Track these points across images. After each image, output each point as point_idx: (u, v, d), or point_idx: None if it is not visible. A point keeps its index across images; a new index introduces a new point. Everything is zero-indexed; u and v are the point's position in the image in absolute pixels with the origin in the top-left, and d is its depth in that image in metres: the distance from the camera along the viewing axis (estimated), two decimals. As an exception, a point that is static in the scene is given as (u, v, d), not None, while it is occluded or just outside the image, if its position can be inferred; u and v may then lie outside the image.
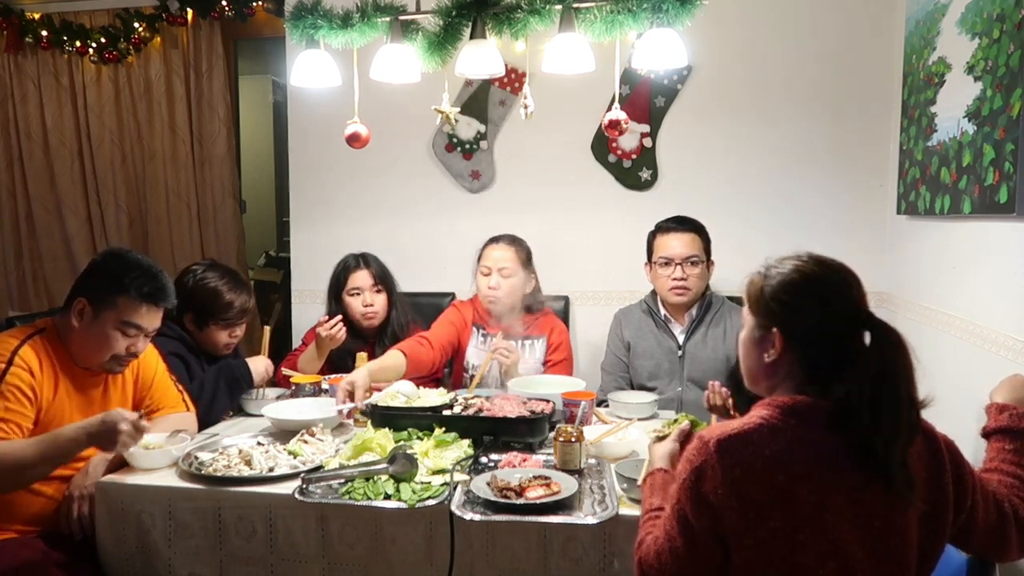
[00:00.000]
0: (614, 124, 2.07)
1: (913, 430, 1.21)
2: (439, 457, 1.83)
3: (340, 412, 2.12)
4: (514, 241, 2.74)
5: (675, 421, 1.74)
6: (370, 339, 2.76)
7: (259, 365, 2.43)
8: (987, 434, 1.49)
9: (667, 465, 1.49)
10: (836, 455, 1.20)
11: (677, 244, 2.60)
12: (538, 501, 1.59)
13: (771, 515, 1.18)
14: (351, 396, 2.15)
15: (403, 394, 2.16)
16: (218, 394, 2.31)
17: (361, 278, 2.73)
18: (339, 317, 2.60)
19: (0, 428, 1.76)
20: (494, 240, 2.75)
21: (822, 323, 1.25)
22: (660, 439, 1.63)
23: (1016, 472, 1.39)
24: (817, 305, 1.26)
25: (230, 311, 2.43)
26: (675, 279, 2.59)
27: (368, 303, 2.71)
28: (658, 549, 1.28)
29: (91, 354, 1.93)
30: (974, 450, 2.09)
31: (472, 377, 2.62)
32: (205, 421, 2.26)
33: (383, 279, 2.76)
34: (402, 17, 2.08)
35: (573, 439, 1.80)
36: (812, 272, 1.28)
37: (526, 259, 2.74)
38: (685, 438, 1.55)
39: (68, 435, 1.75)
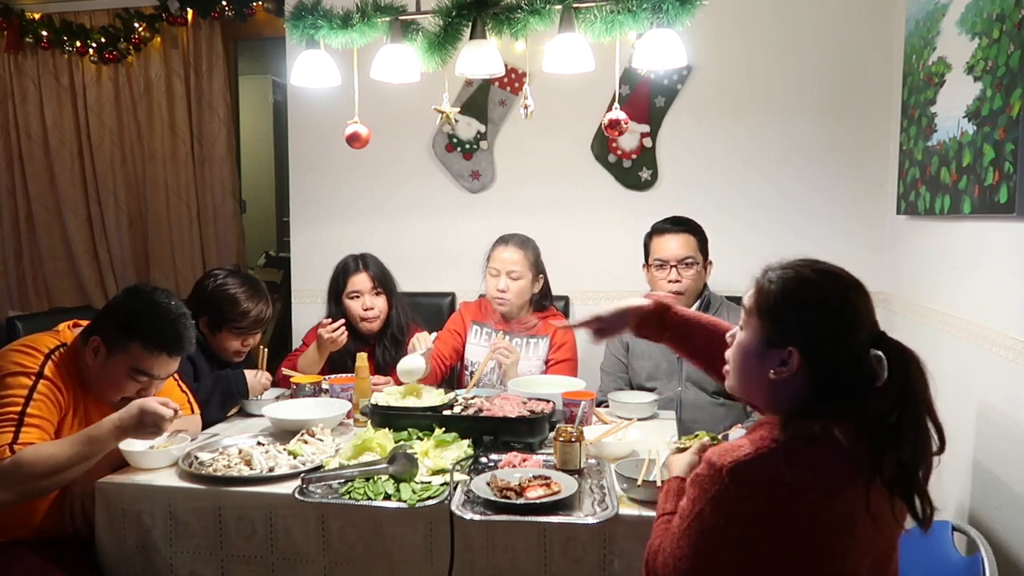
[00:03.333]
0: (614, 124, 2.07)
1: (936, 453, 1.17)
2: (439, 457, 1.83)
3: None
4: (523, 243, 2.73)
5: (695, 436, 1.74)
6: (370, 340, 2.76)
7: (257, 379, 2.39)
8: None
9: (686, 475, 1.43)
10: (849, 483, 1.14)
11: (672, 245, 2.60)
12: (538, 501, 1.59)
13: (798, 541, 1.13)
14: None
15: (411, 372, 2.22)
16: (211, 404, 2.29)
17: (360, 281, 2.72)
18: (342, 321, 2.60)
19: (35, 428, 1.76)
20: (503, 241, 2.75)
21: (847, 348, 1.18)
22: (680, 451, 1.62)
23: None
24: (845, 331, 1.20)
25: (244, 319, 2.41)
26: (671, 281, 2.59)
27: (368, 306, 2.70)
28: (662, 563, 1.25)
29: (102, 393, 1.92)
30: (974, 450, 2.10)
31: (472, 374, 2.62)
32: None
33: (382, 282, 2.74)
34: (402, 17, 2.08)
35: (573, 439, 1.80)
36: (839, 295, 1.22)
37: (535, 260, 2.74)
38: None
39: (103, 431, 1.74)
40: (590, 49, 1.96)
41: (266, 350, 2.50)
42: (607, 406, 2.38)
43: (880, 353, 1.16)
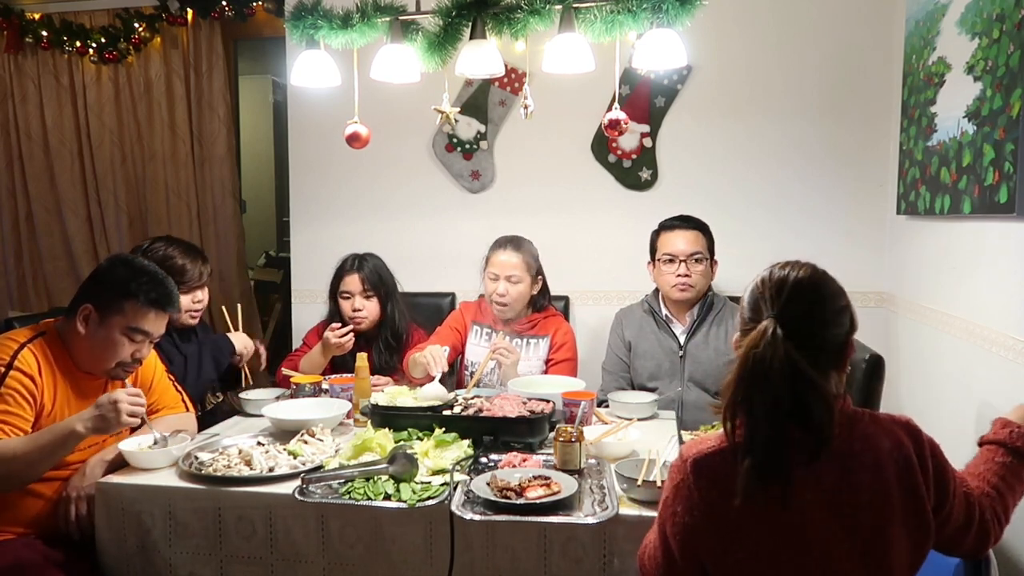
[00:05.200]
0: (614, 124, 2.06)
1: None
2: (439, 457, 1.83)
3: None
4: (521, 245, 2.73)
5: (712, 427, 1.74)
6: (370, 341, 2.76)
7: (239, 338, 2.47)
8: (982, 443, 1.51)
9: None
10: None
11: (681, 241, 2.60)
12: (538, 501, 1.59)
13: (749, 535, 1.18)
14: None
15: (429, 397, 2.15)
16: (203, 366, 2.34)
17: (351, 282, 2.72)
18: (351, 327, 2.62)
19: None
20: (501, 245, 2.74)
21: (748, 322, 1.28)
22: None
23: (996, 483, 1.40)
24: (751, 308, 1.28)
25: (185, 275, 2.42)
26: (679, 276, 2.59)
27: (357, 308, 2.71)
28: (648, 555, 1.32)
29: (97, 360, 1.92)
30: (971, 451, 2.09)
31: (472, 375, 2.63)
32: (194, 395, 2.31)
33: (375, 285, 2.73)
34: (402, 17, 2.08)
35: (573, 439, 1.80)
36: (763, 276, 1.30)
37: (534, 262, 2.74)
38: None
39: (62, 425, 1.76)
40: (590, 49, 1.96)
41: (225, 308, 2.66)
42: (607, 406, 2.38)
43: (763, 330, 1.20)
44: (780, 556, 1.18)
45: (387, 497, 1.67)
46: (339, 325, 2.62)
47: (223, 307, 2.67)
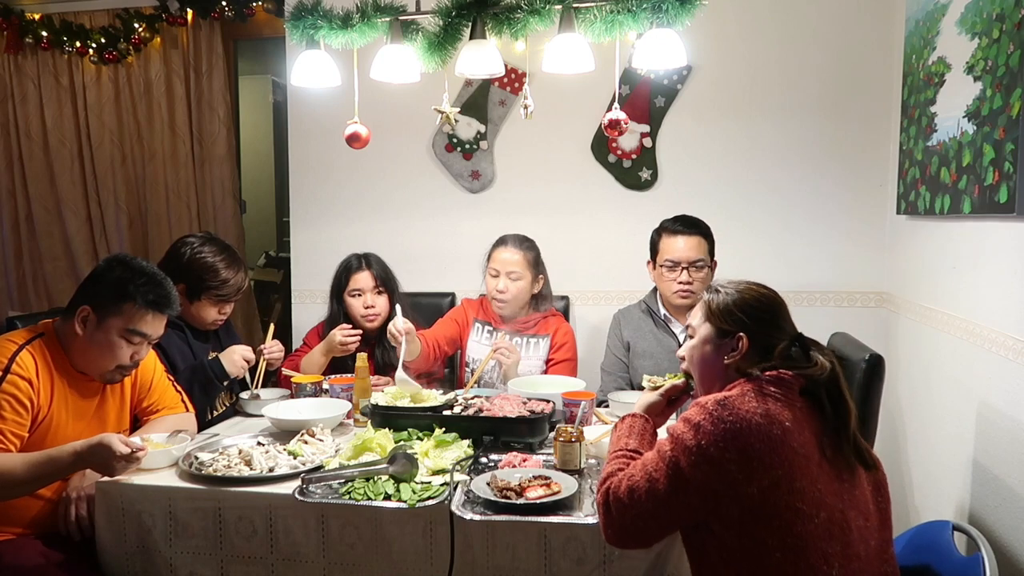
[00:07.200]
0: (614, 124, 2.06)
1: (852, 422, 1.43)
2: (439, 457, 1.83)
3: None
4: (523, 243, 2.74)
5: (675, 376, 1.78)
6: (371, 340, 2.76)
7: (233, 356, 2.37)
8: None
9: (643, 412, 1.64)
10: (811, 419, 1.38)
11: (684, 247, 2.59)
12: (538, 501, 1.59)
13: (772, 464, 1.29)
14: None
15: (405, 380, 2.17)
16: (192, 397, 2.30)
17: (363, 279, 2.73)
18: (359, 332, 2.62)
19: None
20: (503, 242, 2.75)
21: (780, 333, 1.50)
22: (653, 390, 1.73)
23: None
24: (776, 319, 1.52)
25: (225, 287, 2.42)
26: (680, 283, 2.58)
27: (369, 304, 2.72)
28: (632, 486, 1.38)
29: (95, 362, 1.92)
30: (974, 449, 2.10)
31: (473, 372, 2.63)
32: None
33: (385, 281, 2.76)
34: (402, 17, 2.08)
35: (573, 439, 1.80)
36: (767, 294, 1.54)
37: (535, 260, 2.74)
38: (676, 394, 1.69)
39: (62, 458, 1.74)
40: (590, 49, 1.96)
41: (273, 326, 2.60)
42: (607, 406, 2.38)
43: (802, 348, 1.47)
44: (795, 485, 1.29)
45: (387, 497, 1.67)
46: (349, 326, 2.62)
47: (267, 321, 2.68)
